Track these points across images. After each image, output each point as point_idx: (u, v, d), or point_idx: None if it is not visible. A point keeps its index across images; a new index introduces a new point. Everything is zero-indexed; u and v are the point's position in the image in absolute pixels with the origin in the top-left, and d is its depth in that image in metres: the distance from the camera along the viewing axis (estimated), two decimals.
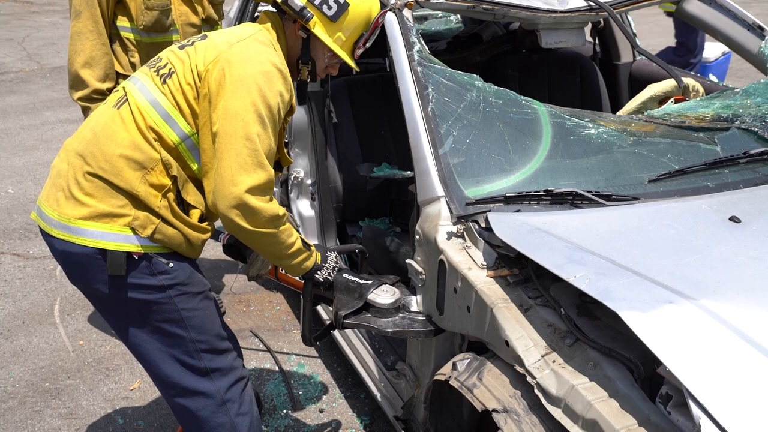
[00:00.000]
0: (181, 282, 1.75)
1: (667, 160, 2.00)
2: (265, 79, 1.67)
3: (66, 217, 1.68)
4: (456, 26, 4.14)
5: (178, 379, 1.82)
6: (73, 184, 1.68)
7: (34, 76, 7.75)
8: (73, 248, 1.69)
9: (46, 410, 2.70)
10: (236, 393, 1.89)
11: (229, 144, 1.61)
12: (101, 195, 1.67)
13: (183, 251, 1.77)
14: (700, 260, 1.48)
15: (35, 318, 3.31)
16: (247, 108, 1.63)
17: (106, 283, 1.70)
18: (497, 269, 1.63)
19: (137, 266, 1.69)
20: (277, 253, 1.77)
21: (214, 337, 1.84)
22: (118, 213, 1.67)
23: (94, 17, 2.64)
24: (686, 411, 1.12)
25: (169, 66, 1.74)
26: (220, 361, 1.86)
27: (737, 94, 2.33)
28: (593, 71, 3.36)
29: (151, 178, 1.67)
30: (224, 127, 1.62)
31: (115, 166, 1.66)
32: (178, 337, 1.78)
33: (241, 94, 1.63)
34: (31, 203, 4.58)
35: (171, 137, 1.70)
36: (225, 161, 1.62)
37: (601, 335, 1.39)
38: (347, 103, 3.04)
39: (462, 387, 1.59)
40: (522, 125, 2.00)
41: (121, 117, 1.71)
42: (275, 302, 3.42)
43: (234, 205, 1.61)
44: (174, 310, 1.75)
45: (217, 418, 1.86)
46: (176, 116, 1.70)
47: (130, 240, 1.67)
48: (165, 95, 1.71)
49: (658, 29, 10.02)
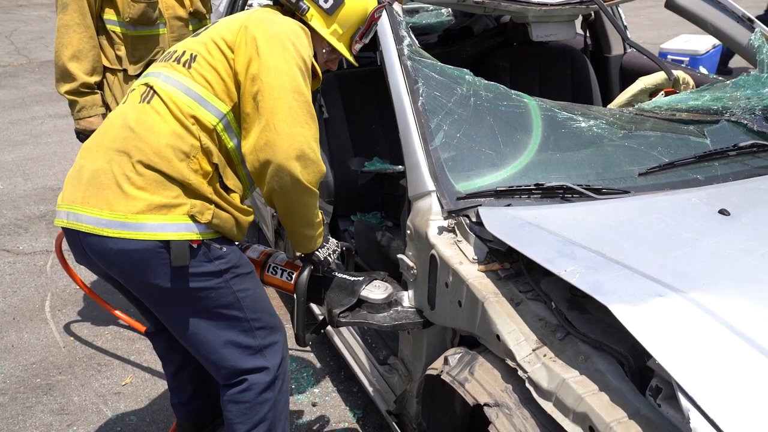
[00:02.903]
0: (234, 264, 1.78)
1: (657, 153, 2.01)
2: (295, 35, 1.73)
3: (121, 213, 1.64)
4: (447, 19, 4.13)
5: (237, 362, 1.85)
6: (123, 180, 1.65)
7: (23, 71, 7.69)
8: (133, 245, 1.65)
9: (37, 406, 2.70)
10: (284, 370, 1.95)
11: (279, 99, 1.64)
12: (154, 188, 1.65)
13: (233, 235, 1.80)
14: (690, 253, 1.49)
15: (26, 314, 3.30)
16: (289, 62, 1.67)
17: (168, 276, 1.69)
18: (488, 264, 1.64)
19: (196, 254, 1.70)
20: (309, 219, 1.82)
21: (266, 315, 1.89)
22: (174, 203, 1.66)
23: (82, 10, 2.62)
24: (676, 403, 1.13)
25: (189, 52, 1.76)
26: (272, 337, 1.90)
27: (727, 86, 2.34)
28: (584, 64, 3.36)
29: (195, 165, 1.68)
30: (270, 83, 1.65)
31: (165, 157, 1.65)
32: (236, 319, 1.81)
33: (278, 50, 1.67)
34: (20, 198, 4.55)
35: (208, 119, 1.71)
36: (278, 116, 1.64)
37: (591, 329, 1.40)
38: (338, 98, 3.03)
39: (454, 381, 1.60)
40: (512, 119, 2.00)
41: (155, 110, 1.70)
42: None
43: (296, 156, 1.65)
44: (230, 293, 1.78)
45: (265, 394, 1.91)
46: (209, 97, 1.71)
47: (190, 228, 1.68)
48: (194, 79, 1.72)
49: (649, 22, 10.04)
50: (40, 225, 4.21)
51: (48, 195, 4.62)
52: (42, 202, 4.51)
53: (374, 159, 2.93)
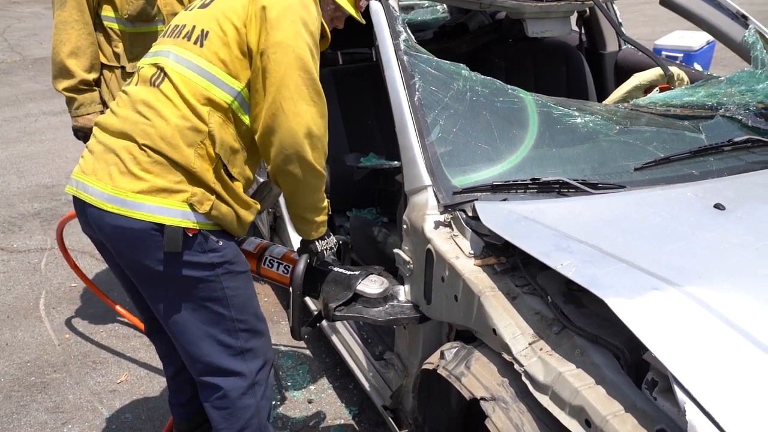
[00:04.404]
0: (228, 260, 1.77)
1: (652, 149, 2.01)
2: (303, 7, 1.70)
3: (122, 190, 1.65)
4: (442, 16, 4.13)
5: (213, 358, 1.84)
6: (129, 159, 1.66)
7: (16, 68, 7.65)
8: (129, 223, 1.65)
9: (32, 404, 2.69)
10: (264, 376, 1.93)
11: (286, 76, 1.64)
12: (158, 170, 1.65)
13: (233, 229, 1.79)
14: (686, 247, 1.49)
15: (20, 312, 3.28)
16: (297, 38, 1.66)
17: (160, 259, 1.68)
18: (484, 258, 1.64)
19: (191, 243, 1.69)
20: (313, 202, 1.84)
21: (252, 318, 1.87)
22: (175, 189, 1.66)
23: (80, 6, 2.61)
24: (672, 396, 1.13)
25: (200, 27, 1.73)
26: (255, 342, 1.89)
27: (721, 82, 2.35)
28: (579, 60, 3.37)
29: (202, 151, 1.67)
30: (277, 59, 1.64)
31: (171, 143, 1.65)
32: (220, 315, 1.80)
33: (286, 24, 1.66)
34: (14, 196, 4.53)
35: (223, 98, 1.70)
36: (284, 93, 1.64)
37: (587, 323, 1.40)
38: (334, 93, 3.03)
39: (450, 376, 1.60)
40: (508, 114, 2.00)
41: (164, 94, 1.69)
42: (263, 294, 3.41)
43: (304, 134, 1.67)
44: (219, 288, 1.77)
45: (244, 399, 1.89)
46: (223, 76, 1.70)
47: (187, 216, 1.67)
48: (207, 59, 1.70)
49: (644, 18, 10.06)
50: (34, 223, 4.19)
51: (42, 192, 4.60)
52: (36, 200, 4.49)
53: (370, 155, 2.93)
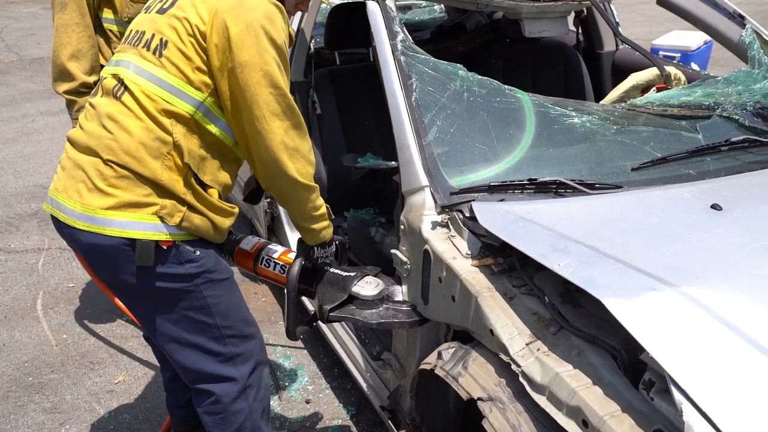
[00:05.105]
0: (207, 269, 1.75)
1: (649, 149, 2.01)
2: (268, 20, 1.64)
3: (91, 207, 1.63)
4: (439, 16, 4.13)
5: (203, 366, 1.84)
6: (96, 175, 1.64)
7: (14, 68, 7.63)
8: (100, 240, 1.64)
9: (29, 405, 2.68)
10: (256, 379, 1.92)
11: (256, 95, 1.62)
12: (125, 185, 1.63)
13: (210, 237, 1.76)
14: (683, 247, 1.49)
15: (17, 312, 3.28)
16: (263, 55, 1.61)
17: (134, 273, 1.67)
18: (482, 258, 1.64)
19: (166, 256, 1.67)
20: (303, 213, 1.81)
21: (239, 323, 1.86)
22: (144, 202, 1.64)
23: (81, 9, 2.60)
24: (669, 397, 1.13)
25: (159, 36, 1.68)
26: (244, 346, 1.88)
27: (719, 82, 2.35)
28: (576, 60, 3.37)
29: (169, 163, 1.65)
30: (245, 80, 1.61)
31: (135, 156, 1.62)
32: (205, 324, 1.79)
33: (249, 44, 1.60)
34: (11, 196, 4.53)
35: (185, 108, 1.66)
36: (256, 113, 1.62)
37: (585, 323, 1.40)
38: (331, 94, 3.03)
39: (447, 376, 1.60)
40: (506, 114, 2.00)
41: (126, 106, 1.66)
42: (261, 294, 3.42)
43: (279, 150, 1.66)
44: (201, 297, 1.75)
45: (236, 404, 1.89)
46: (184, 87, 1.65)
47: (158, 229, 1.65)
48: (165, 69, 1.65)
49: (641, 18, 10.07)
50: (31, 223, 4.19)
51: (39, 193, 4.59)
52: (33, 200, 4.49)
53: (367, 155, 2.93)
